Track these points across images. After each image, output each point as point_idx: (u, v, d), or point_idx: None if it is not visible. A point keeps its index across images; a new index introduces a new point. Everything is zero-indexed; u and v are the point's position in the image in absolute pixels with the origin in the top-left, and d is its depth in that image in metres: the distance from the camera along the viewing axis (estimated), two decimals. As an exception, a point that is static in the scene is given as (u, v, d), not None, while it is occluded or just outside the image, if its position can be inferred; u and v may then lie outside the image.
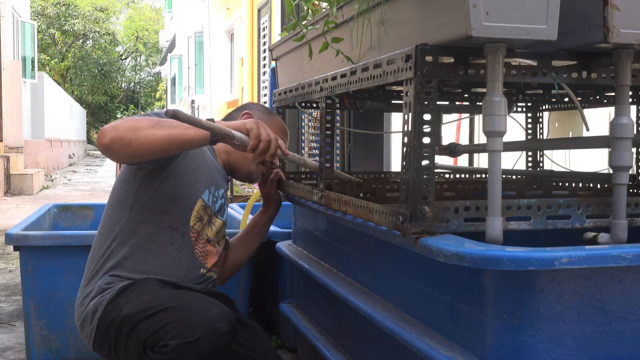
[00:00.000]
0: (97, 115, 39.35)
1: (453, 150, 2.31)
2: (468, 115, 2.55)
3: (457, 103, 2.32)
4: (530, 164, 2.29)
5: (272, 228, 2.58)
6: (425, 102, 1.26)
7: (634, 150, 1.81)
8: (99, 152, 31.20)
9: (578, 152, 2.77)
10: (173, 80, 25.10)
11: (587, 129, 1.69)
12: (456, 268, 1.26)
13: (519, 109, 2.32)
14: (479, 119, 2.72)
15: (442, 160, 2.71)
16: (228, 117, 2.16)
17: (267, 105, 3.34)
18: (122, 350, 1.75)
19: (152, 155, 1.76)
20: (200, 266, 1.96)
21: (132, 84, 42.89)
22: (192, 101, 18.16)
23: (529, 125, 2.30)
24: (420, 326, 1.42)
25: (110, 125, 1.71)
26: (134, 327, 1.70)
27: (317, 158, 2.08)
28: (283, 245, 2.45)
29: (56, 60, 34.23)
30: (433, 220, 1.27)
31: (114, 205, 1.92)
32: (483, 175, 2.36)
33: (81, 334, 1.88)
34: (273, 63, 2.54)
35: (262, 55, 11.11)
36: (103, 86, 36.46)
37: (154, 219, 1.88)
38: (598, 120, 2.71)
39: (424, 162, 1.27)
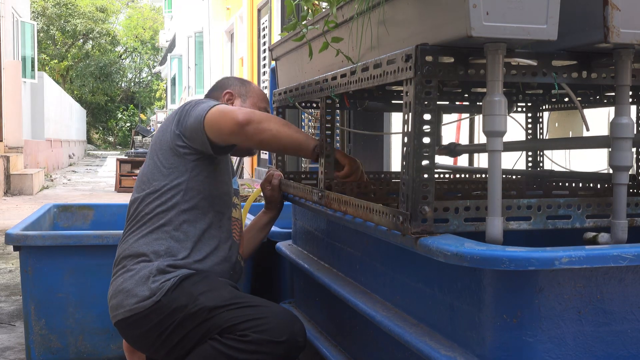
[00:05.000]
0: (97, 115, 39.31)
1: (453, 150, 2.31)
2: (468, 115, 2.55)
3: (457, 103, 2.32)
4: (530, 164, 2.29)
5: (272, 228, 2.58)
6: (425, 102, 1.26)
7: (634, 150, 1.81)
8: (99, 152, 31.19)
9: (578, 152, 2.77)
10: (173, 80, 25.10)
11: (587, 129, 1.69)
12: (456, 268, 1.26)
13: (519, 109, 2.32)
14: (479, 119, 2.72)
15: (442, 160, 2.70)
16: (209, 98, 2.22)
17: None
18: (179, 337, 1.79)
19: (271, 149, 1.97)
20: (237, 251, 2.08)
21: (132, 84, 42.88)
22: (192, 101, 18.12)
23: (529, 125, 2.30)
24: (420, 326, 1.42)
25: (243, 110, 1.86)
26: (213, 317, 1.76)
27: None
28: (283, 245, 2.45)
29: (56, 60, 34.23)
30: (433, 220, 1.27)
31: (161, 188, 1.93)
32: (483, 175, 2.36)
33: (112, 301, 1.90)
34: (273, 63, 2.54)
35: (262, 55, 11.11)
36: (103, 87, 36.44)
37: (206, 203, 1.96)
38: (598, 120, 2.71)
39: (424, 162, 1.27)
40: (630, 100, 1.50)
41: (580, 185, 1.97)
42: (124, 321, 1.86)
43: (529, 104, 2.28)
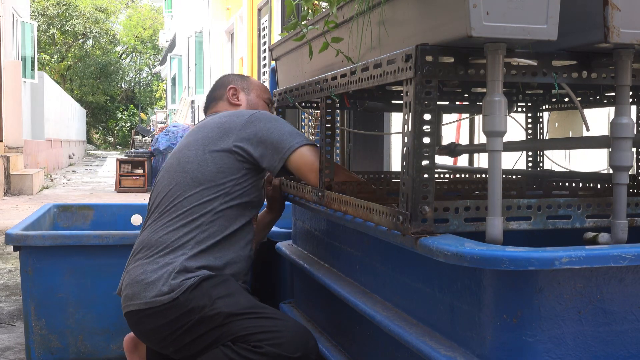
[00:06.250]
0: (97, 115, 39.28)
1: (453, 150, 2.31)
2: (468, 115, 2.55)
3: (457, 103, 2.32)
4: (530, 164, 2.29)
5: (272, 228, 2.58)
6: (425, 102, 1.26)
7: (634, 150, 1.81)
8: (99, 152, 31.18)
9: (578, 152, 2.77)
10: (173, 80, 25.09)
11: (587, 129, 1.69)
12: (456, 268, 1.26)
13: (519, 109, 2.32)
14: (479, 119, 2.72)
15: (442, 160, 2.70)
16: (212, 98, 2.24)
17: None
18: (191, 337, 1.79)
19: None
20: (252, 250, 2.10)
21: (132, 84, 42.87)
22: (192, 101, 18.16)
23: (529, 125, 2.30)
24: (420, 326, 1.42)
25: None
26: (229, 323, 1.76)
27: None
28: (283, 245, 2.45)
29: (56, 60, 34.21)
30: (433, 220, 1.27)
31: (205, 184, 1.95)
32: (483, 175, 2.36)
33: (127, 290, 1.87)
34: (273, 63, 2.54)
35: (262, 55, 11.11)
36: (103, 87, 36.43)
37: (244, 206, 1.99)
38: (598, 120, 2.71)
39: (424, 162, 1.27)
40: (630, 100, 1.50)
41: (580, 185, 1.97)
42: (137, 313, 1.84)
43: (529, 104, 2.28)
